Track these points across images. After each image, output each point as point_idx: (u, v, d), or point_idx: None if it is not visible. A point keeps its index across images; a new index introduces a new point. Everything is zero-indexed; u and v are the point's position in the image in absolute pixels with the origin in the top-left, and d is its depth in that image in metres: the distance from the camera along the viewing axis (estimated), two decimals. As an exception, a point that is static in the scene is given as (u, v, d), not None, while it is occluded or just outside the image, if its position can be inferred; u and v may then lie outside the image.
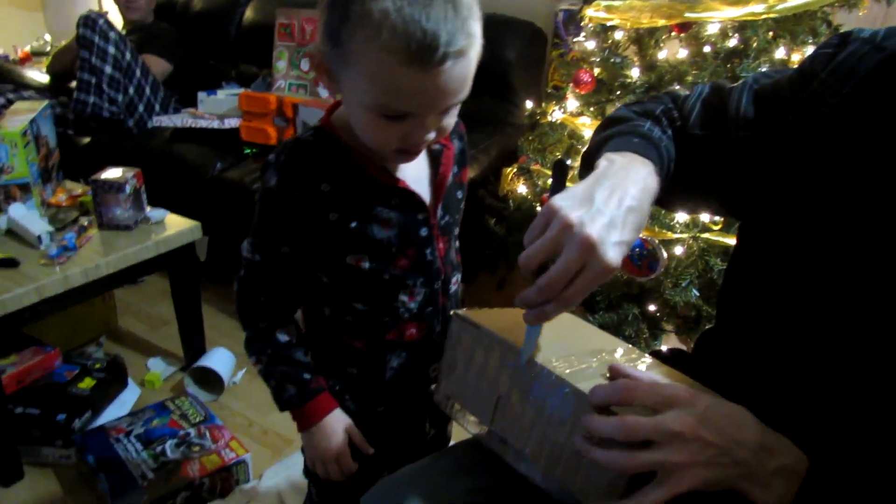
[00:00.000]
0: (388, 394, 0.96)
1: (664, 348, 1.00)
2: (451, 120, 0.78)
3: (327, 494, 1.08)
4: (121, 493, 1.47)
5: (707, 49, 1.71)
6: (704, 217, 1.71)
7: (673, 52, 1.75)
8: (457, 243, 0.99)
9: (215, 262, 2.33)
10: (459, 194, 0.96)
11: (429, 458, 0.92)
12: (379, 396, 0.96)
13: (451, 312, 0.81)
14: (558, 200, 0.63)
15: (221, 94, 2.61)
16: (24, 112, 1.76)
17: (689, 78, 1.70)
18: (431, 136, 0.76)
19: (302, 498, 1.60)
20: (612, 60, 1.74)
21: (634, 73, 1.75)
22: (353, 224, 0.84)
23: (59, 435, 1.66)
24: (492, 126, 2.39)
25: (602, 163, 0.70)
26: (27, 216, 1.69)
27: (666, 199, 0.79)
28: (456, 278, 0.98)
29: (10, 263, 1.55)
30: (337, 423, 0.87)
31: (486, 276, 2.20)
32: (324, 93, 2.46)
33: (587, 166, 0.78)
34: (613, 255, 0.62)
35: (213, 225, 1.93)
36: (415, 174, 0.87)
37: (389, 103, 0.71)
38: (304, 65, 2.47)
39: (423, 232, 0.89)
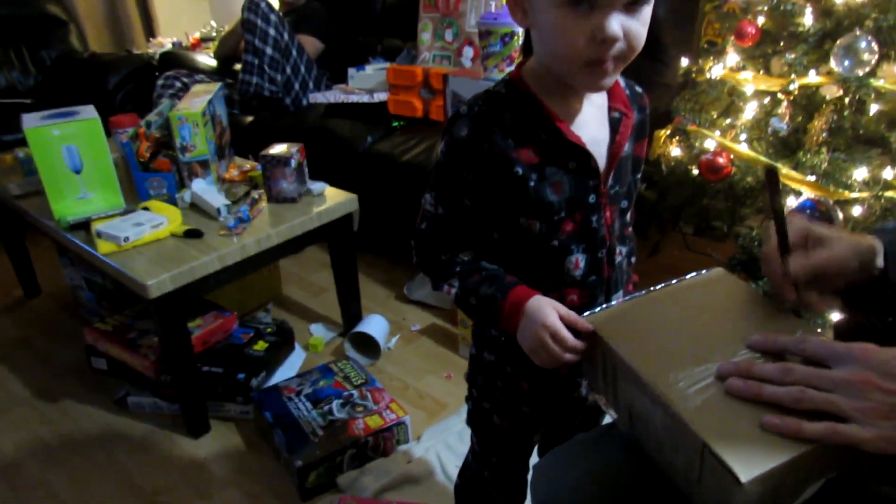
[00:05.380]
0: None
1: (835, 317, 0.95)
2: (638, 26, 0.75)
3: (488, 444, 1.11)
4: (296, 448, 1.59)
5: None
6: (887, 173, 1.56)
7: (853, -8, 1.58)
8: (628, 217, 0.97)
9: (366, 232, 2.42)
10: (633, 166, 0.94)
11: (600, 429, 0.92)
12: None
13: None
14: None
15: (370, 68, 2.68)
16: (202, 94, 1.90)
17: (870, 23, 1.53)
18: (620, 40, 0.74)
19: (457, 460, 1.65)
20: (781, 8, 1.61)
21: (807, 20, 1.61)
22: (532, 183, 0.84)
23: (239, 392, 1.80)
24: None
25: None
26: (207, 191, 1.84)
27: None
28: (621, 250, 0.96)
29: (196, 234, 1.70)
30: (543, 304, 0.84)
31: (638, 243, 2.13)
32: (467, 63, 2.46)
33: None
34: None
35: (365, 196, 2.00)
36: (593, 138, 0.86)
37: None
38: (448, 35, 2.48)
39: (592, 199, 0.88)
